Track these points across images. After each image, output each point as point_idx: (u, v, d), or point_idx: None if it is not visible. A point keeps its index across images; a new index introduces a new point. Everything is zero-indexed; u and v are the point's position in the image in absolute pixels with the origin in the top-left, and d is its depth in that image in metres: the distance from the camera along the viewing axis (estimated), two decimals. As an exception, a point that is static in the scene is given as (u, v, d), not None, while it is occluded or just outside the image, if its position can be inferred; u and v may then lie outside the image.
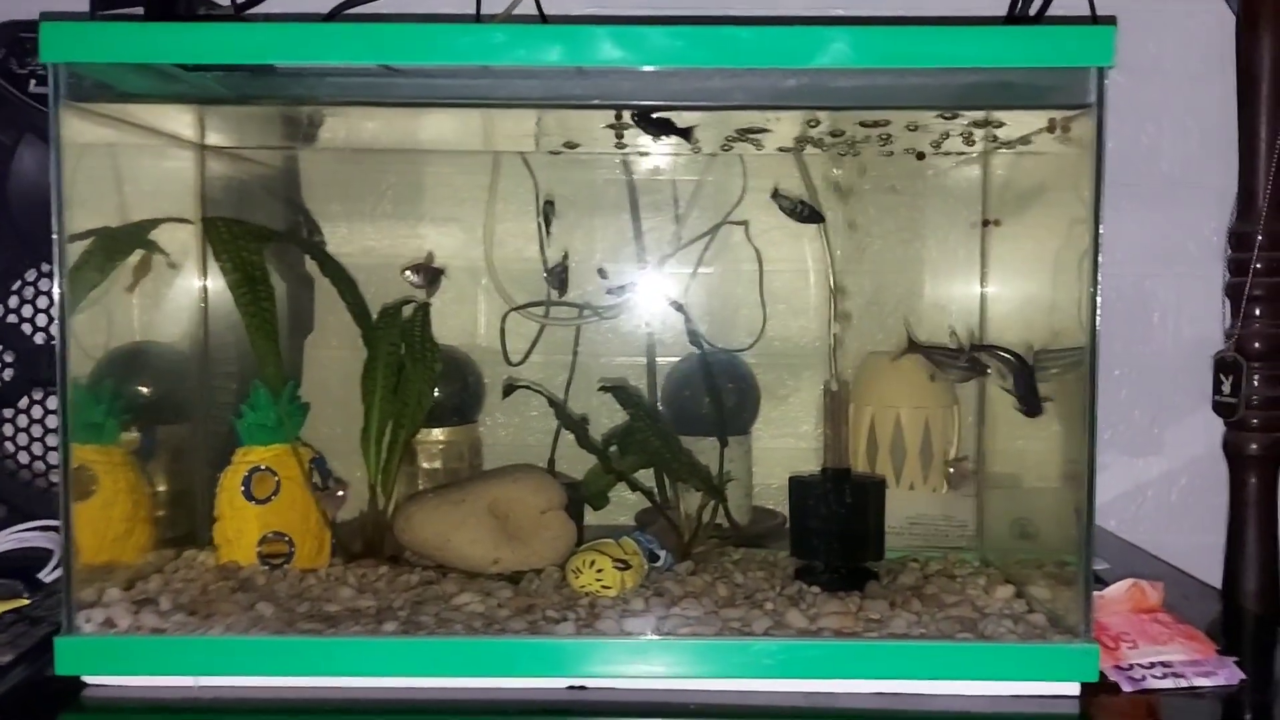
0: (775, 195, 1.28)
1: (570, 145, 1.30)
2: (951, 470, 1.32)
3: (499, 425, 1.47)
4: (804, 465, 1.45)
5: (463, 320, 1.47)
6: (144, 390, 1.27)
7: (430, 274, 1.30)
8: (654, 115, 1.10)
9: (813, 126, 1.11)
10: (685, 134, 1.14)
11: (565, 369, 1.45)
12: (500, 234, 1.45)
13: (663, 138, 1.14)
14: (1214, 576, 1.50)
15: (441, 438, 1.37)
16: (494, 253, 1.45)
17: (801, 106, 1.08)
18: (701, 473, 1.19)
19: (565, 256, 1.38)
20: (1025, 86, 1.02)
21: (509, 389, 1.28)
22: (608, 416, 1.32)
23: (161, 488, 1.25)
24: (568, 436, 1.24)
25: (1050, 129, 1.09)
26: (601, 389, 1.20)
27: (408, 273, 1.29)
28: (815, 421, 1.47)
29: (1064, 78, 0.97)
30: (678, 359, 1.44)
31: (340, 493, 1.21)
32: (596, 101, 1.09)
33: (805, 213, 1.27)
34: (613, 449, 1.21)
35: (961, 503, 1.35)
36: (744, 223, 1.46)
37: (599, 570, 1.08)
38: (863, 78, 0.96)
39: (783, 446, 1.48)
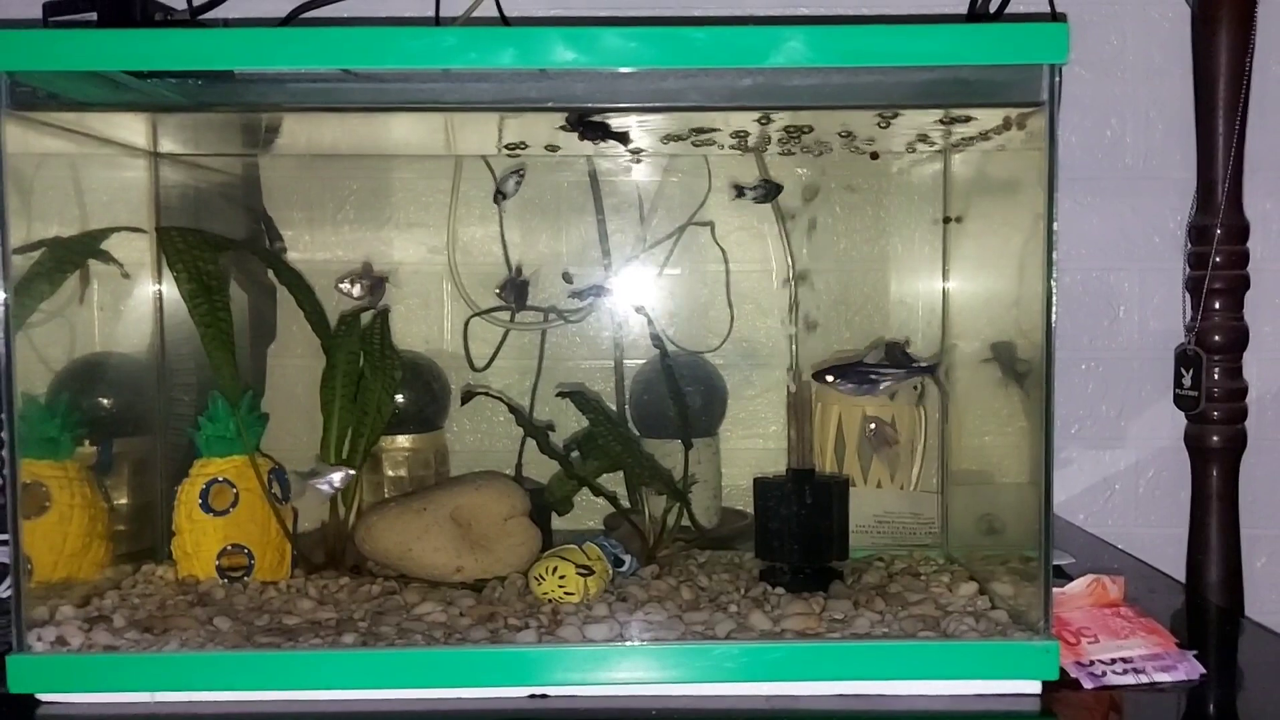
0: (740, 193, 1.27)
1: (551, 148, 1.29)
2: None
3: (465, 431, 1.46)
4: (772, 465, 1.45)
5: (427, 325, 1.46)
6: (101, 402, 1.26)
7: (370, 285, 1.25)
8: (590, 119, 1.09)
9: (763, 124, 1.10)
10: (621, 138, 1.13)
11: (532, 374, 1.45)
12: (464, 237, 1.45)
13: (600, 142, 1.13)
14: (1180, 569, 1.51)
15: (407, 445, 1.37)
16: (457, 256, 1.44)
17: (756, 107, 1.07)
18: (664, 476, 1.19)
19: (519, 271, 1.37)
20: (982, 83, 1.02)
21: (467, 395, 1.27)
22: (576, 421, 1.31)
23: (120, 501, 1.24)
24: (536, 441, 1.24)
25: (1005, 127, 1.09)
26: (559, 394, 1.19)
27: (344, 284, 1.25)
28: (783, 421, 1.47)
29: (1018, 74, 0.97)
30: (643, 361, 1.44)
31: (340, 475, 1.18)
32: (552, 104, 1.08)
33: (771, 189, 1.27)
34: (574, 454, 1.19)
35: (929, 500, 1.36)
36: (709, 223, 1.46)
37: (561, 577, 1.07)
38: (818, 76, 0.95)
39: (751, 447, 1.48)
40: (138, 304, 1.28)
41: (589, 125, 1.07)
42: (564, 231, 1.45)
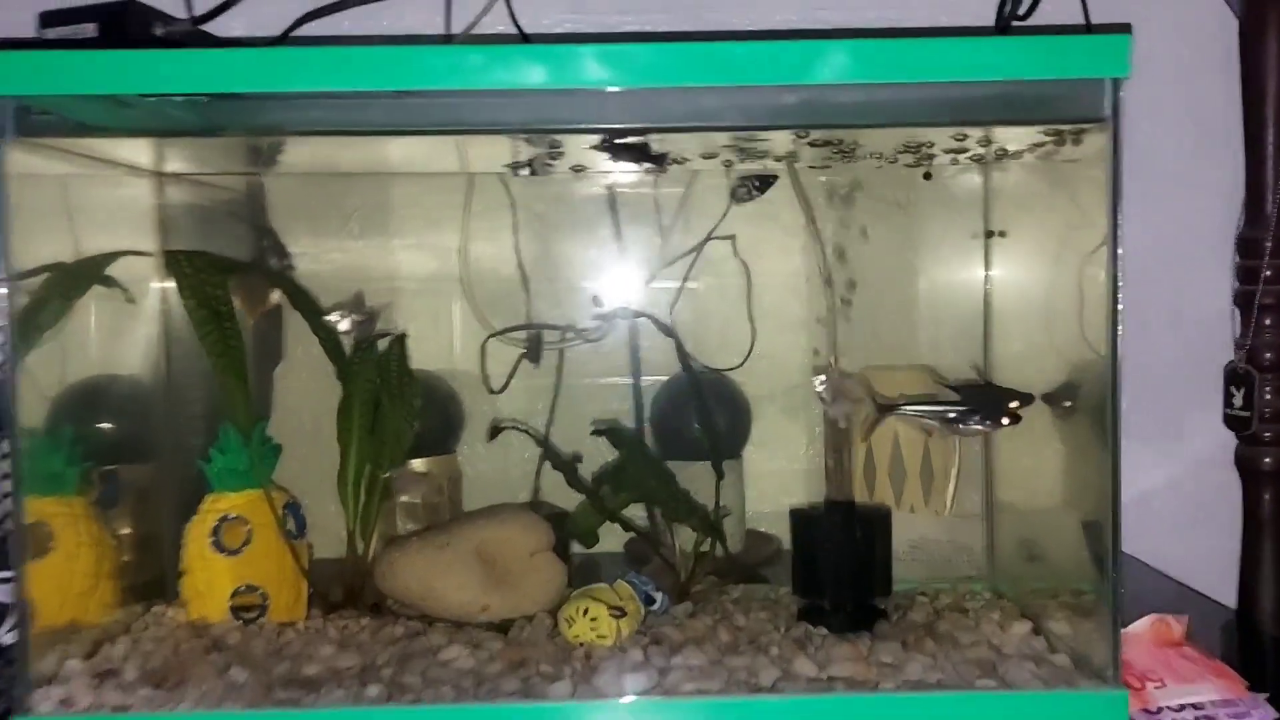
0: (737, 195, 1.23)
1: (578, 169, 1.23)
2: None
3: (478, 455, 1.41)
4: (797, 487, 1.40)
5: (439, 345, 1.40)
6: (105, 430, 1.21)
7: (360, 320, 1.16)
8: (623, 141, 1.04)
9: (800, 138, 1.05)
10: (658, 160, 1.08)
11: (548, 392, 1.39)
12: (476, 254, 1.39)
13: (635, 164, 1.08)
14: (1222, 588, 1.46)
15: (419, 470, 1.31)
16: (470, 274, 1.39)
17: (794, 126, 1.02)
18: (699, 512, 1.13)
19: (539, 337, 1.31)
20: (1031, 99, 0.97)
21: (495, 430, 1.21)
22: (600, 450, 1.26)
23: (125, 534, 1.18)
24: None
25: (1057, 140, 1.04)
26: (595, 433, 1.14)
27: (332, 317, 1.15)
28: (807, 443, 1.42)
29: (1074, 89, 0.92)
30: (664, 379, 1.39)
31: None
32: (580, 125, 1.02)
33: (759, 184, 1.21)
34: (604, 488, 1.14)
35: (967, 526, 1.30)
36: (731, 237, 1.40)
37: (593, 619, 1.02)
38: (860, 93, 0.90)
39: (774, 469, 1.42)
40: (139, 323, 1.23)
41: (622, 149, 1.02)
42: (579, 245, 1.39)
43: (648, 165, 1.05)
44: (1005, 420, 1.07)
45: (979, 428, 1.07)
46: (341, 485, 1.12)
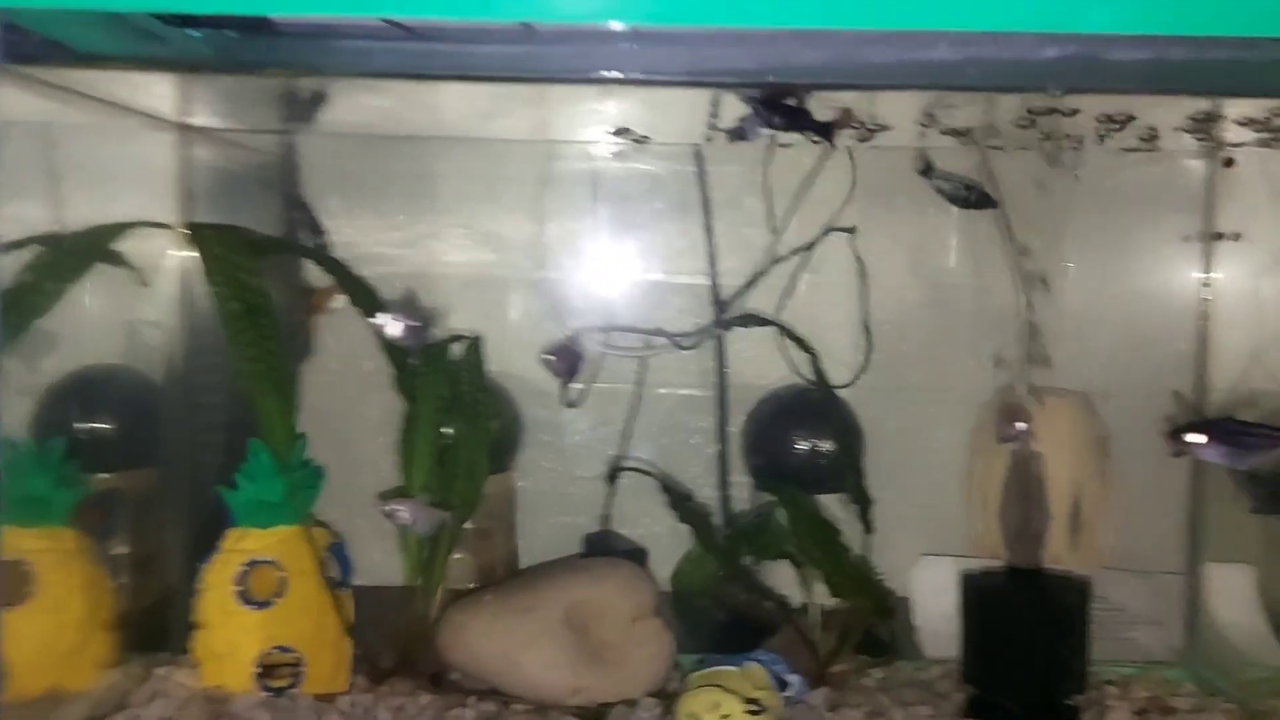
0: (928, 172, 0.99)
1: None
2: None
3: (531, 469, 1.18)
4: (907, 525, 1.18)
5: (492, 343, 1.16)
6: (104, 433, 0.99)
7: (416, 327, 0.90)
8: (784, 101, 0.82)
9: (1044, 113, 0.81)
10: (825, 131, 0.85)
11: (609, 402, 1.16)
12: (553, 237, 1.17)
13: (791, 133, 0.85)
14: None
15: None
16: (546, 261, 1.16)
17: (999, 89, 0.79)
18: (875, 591, 0.90)
19: (574, 340, 1.07)
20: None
21: (615, 471, 0.99)
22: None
23: (124, 564, 0.97)
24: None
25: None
26: (762, 488, 0.92)
27: (377, 319, 0.89)
28: (917, 475, 1.19)
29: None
30: (764, 395, 1.17)
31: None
32: (685, 77, 0.79)
33: (974, 197, 0.98)
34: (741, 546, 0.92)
35: (1122, 581, 1.09)
36: (851, 229, 1.18)
37: (725, 716, 0.80)
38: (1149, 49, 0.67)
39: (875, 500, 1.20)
40: (149, 306, 1.02)
41: (780, 109, 0.79)
42: (660, 232, 1.18)
43: (812, 136, 0.82)
44: None
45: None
46: (404, 527, 0.90)
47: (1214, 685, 0.94)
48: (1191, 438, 0.83)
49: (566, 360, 1.03)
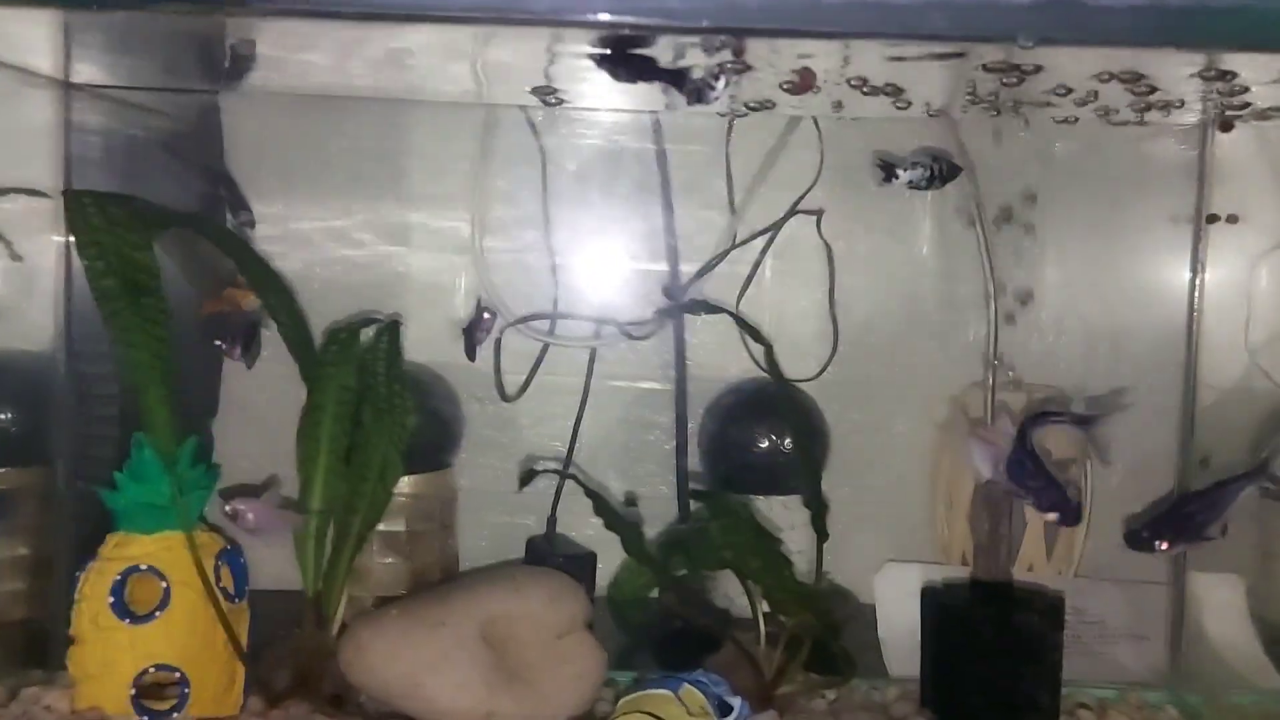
0: (891, 177, 0.90)
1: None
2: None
3: (474, 466, 1.10)
4: (871, 525, 1.10)
5: (433, 329, 1.09)
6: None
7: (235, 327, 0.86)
8: (631, 51, 0.70)
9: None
10: (678, 82, 0.74)
11: (560, 395, 1.10)
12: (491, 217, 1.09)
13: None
14: None
15: (406, 490, 1.00)
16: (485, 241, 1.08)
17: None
18: (819, 606, 0.81)
19: (483, 309, 0.99)
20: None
21: (528, 476, 0.90)
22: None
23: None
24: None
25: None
26: (694, 495, 0.83)
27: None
28: (882, 472, 1.11)
29: None
30: (723, 389, 1.09)
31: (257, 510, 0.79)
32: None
33: (943, 169, 0.89)
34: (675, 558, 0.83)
35: (1101, 591, 1.00)
36: (818, 212, 1.09)
37: (653, 747, 0.71)
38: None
39: (837, 499, 1.12)
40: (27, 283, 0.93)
41: (622, 60, 0.68)
42: (617, 214, 1.10)
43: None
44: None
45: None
46: (301, 534, 0.81)
47: (1197, 710, 0.86)
48: (1160, 545, 0.76)
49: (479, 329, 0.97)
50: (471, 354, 1.00)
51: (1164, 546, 0.78)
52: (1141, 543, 0.79)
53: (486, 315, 0.99)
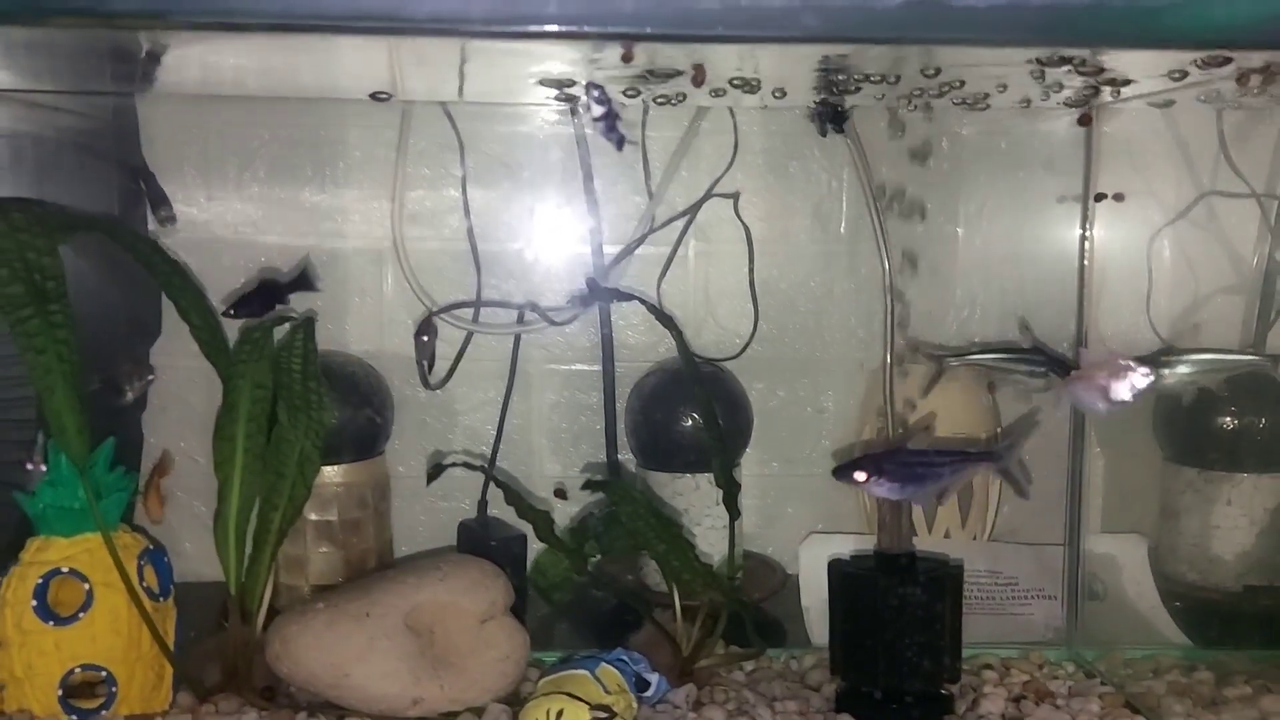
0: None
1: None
2: None
3: (409, 452, 1.13)
4: (800, 498, 1.14)
5: (364, 321, 1.13)
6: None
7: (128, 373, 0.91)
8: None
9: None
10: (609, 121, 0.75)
11: (495, 380, 1.12)
12: (414, 207, 1.10)
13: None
14: None
15: (338, 479, 1.02)
16: (405, 232, 1.09)
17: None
18: (722, 585, 0.84)
19: (430, 323, 1.04)
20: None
21: (436, 471, 0.91)
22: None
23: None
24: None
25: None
26: (588, 485, 0.85)
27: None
28: (810, 446, 1.15)
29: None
30: (647, 371, 1.12)
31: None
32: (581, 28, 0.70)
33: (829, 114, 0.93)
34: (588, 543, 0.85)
35: (1013, 554, 1.04)
36: (735, 195, 1.12)
37: (570, 725, 0.73)
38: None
39: (766, 473, 1.15)
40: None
41: None
42: (539, 202, 1.12)
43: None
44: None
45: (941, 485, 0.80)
46: (220, 529, 0.82)
47: (1091, 665, 0.90)
48: (859, 475, 0.78)
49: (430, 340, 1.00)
50: (426, 381, 1.04)
51: (861, 479, 0.78)
52: (841, 472, 0.80)
53: (425, 339, 1.01)
